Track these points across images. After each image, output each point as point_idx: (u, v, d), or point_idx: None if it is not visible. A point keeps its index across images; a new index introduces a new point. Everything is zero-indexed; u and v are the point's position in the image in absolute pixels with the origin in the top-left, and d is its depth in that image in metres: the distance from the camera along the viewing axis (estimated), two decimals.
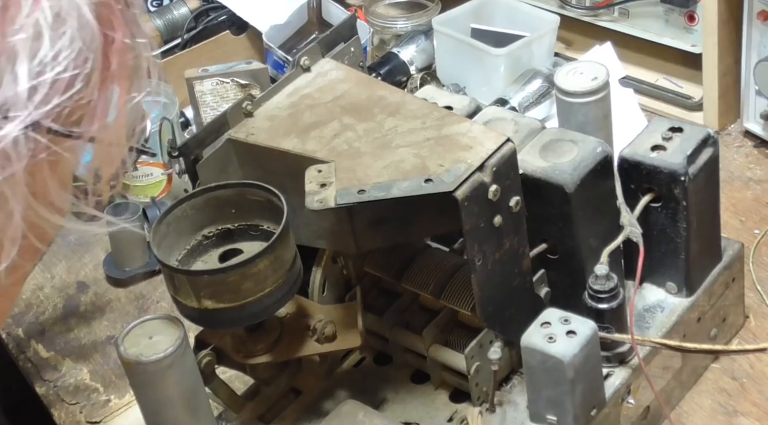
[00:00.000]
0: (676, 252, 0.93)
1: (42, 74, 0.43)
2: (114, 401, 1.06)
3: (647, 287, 0.96)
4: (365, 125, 0.83)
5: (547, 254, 0.89)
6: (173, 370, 0.80)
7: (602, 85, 0.93)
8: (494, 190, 0.78)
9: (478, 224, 0.78)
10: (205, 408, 0.86)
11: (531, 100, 1.28)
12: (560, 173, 0.84)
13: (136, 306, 1.17)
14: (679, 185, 0.89)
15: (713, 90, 1.24)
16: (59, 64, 0.43)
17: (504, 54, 1.30)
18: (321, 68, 0.92)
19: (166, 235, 0.82)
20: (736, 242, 0.99)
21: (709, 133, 0.91)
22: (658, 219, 0.91)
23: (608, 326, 0.86)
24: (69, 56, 0.44)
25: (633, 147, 0.91)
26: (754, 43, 1.18)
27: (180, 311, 0.82)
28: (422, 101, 0.86)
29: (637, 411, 0.90)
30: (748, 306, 1.03)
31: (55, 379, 1.09)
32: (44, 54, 0.43)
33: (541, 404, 0.83)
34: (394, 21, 1.48)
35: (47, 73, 0.43)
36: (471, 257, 0.80)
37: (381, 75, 1.36)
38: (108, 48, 0.46)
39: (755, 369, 0.97)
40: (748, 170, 1.21)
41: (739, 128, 1.26)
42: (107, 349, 1.11)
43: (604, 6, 1.35)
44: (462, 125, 0.82)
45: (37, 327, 1.15)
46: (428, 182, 0.77)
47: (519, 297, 0.86)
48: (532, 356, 0.81)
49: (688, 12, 1.27)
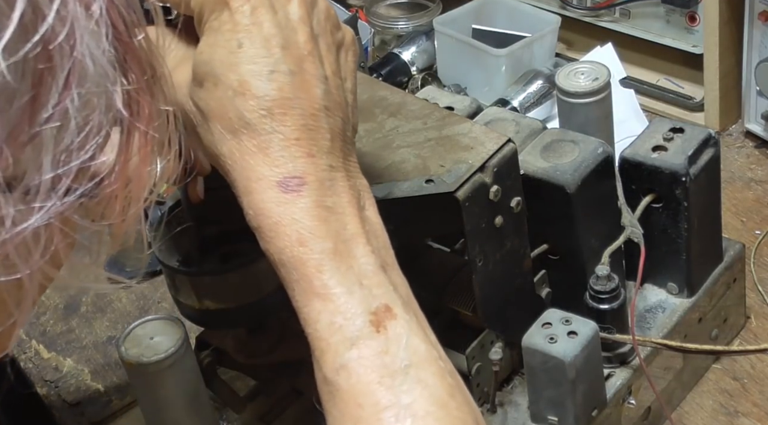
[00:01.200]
0: (677, 253, 0.93)
1: (67, 163, 0.42)
2: (115, 401, 1.05)
3: (648, 287, 0.96)
4: (366, 125, 0.83)
5: (548, 255, 0.89)
6: (174, 371, 0.80)
7: (603, 86, 0.93)
8: (495, 190, 0.78)
9: (479, 224, 0.79)
10: (206, 409, 0.86)
11: (532, 101, 1.28)
12: (561, 173, 0.84)
13: (138, 307, 1.17)
14: (680, 186, 0.89)
15: (714, 91, 1.24)
16: (86, 151, 0.42)
17: (505, 54, 1.30)
18: None
19: (167, 235, 0.81)
20: (737, 243, 0.99)
21: (710, 133, 0.91)
22: (659, 220, 0.91)
23: (609, 326, 0.86)
24: (96, 142, 0.43)
25: (634, 148, 0.91)
26: (755, 43, 1.18)
27: (181, 312, 0.82)
28: (423, 102, 0.86)
29: (638, 412, 0.90)
30: (749, 307, 1.03)
31: (56, 380, 1.09)
32: (70, 141, 0.41)
33: (542, 404, 0.83)
34: (395, 21, 1.48)
35: (73, 162, 0.42)
36: (472, 258, 0.80)
37: (382, 75, 1.36)
38: (133, 129, 0.45)
39: (756, 370, 0.97)
40: (749, 171, 1.21)
41: (740, 129, 1.26)
42: (108, 350, 1.11)
43: (605, 6, 1.35)
44: (463, 125, 0.82)
45: (38, 328, 1.15)
46: (429, 183, 0.77)
47: (520, 298, 0.86)
48: (533, 356, 0.81)
49: (690, 12, 1.27)
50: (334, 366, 0.58)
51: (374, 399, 0.57)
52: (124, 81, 0.44)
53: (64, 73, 0.41)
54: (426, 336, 0.60)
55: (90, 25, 0.42)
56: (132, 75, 0.45)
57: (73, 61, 0.41)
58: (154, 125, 0.46)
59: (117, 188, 0.45)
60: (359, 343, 0.58)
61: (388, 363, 0.58)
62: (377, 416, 0.57)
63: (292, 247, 0.59)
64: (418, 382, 0.58)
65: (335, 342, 0.58)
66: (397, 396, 0.57)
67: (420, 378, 0.58)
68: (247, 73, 0.60)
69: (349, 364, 0.58)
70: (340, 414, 0.58)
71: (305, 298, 0.59)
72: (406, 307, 0.61)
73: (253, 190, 0.60)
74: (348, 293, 0.58)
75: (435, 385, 0.58)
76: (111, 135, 0.44)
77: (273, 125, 0.59)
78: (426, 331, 0.61)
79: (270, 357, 0.87)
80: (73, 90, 0.41)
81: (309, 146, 0.60)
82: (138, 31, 0.45)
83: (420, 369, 0.58)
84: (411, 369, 0.58)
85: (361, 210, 0.62)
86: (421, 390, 0.58)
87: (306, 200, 0.59)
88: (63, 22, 0.40)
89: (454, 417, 0.58)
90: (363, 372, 0.58)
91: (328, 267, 0.59)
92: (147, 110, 0.46)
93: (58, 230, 0.43)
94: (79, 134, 0.42)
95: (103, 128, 0.43)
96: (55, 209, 0.41)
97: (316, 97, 0.61)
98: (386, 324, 0.59)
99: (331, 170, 0.61)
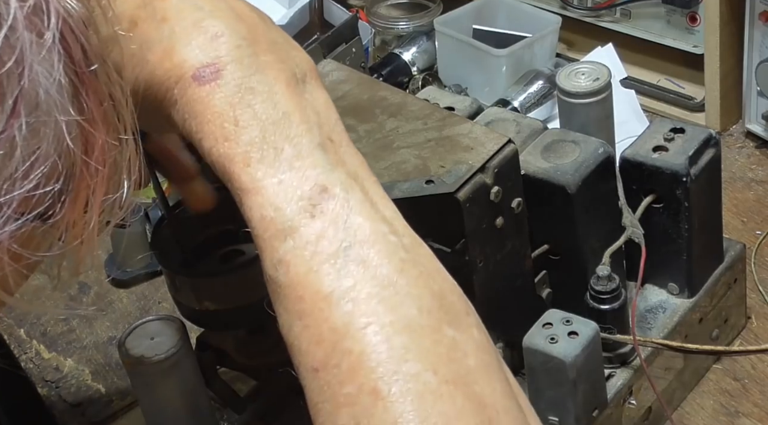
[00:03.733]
0: (677, 253, 0.93)
1: (10, 192, 0.40)
2: (116, 402, 1.05)
3: (649, 288, 0.96)
4: (366, 126, 0.83)
5: (548, 255, 0.88)
6: (175, 371, 0.80)
7: (604, 86, 0.93)
8: (496, 191, 0.78)
9: (479, 225, 0.78)
10: (207, 409, 0.86)
11: (533, 101, 1.28)
12: (562, 173, 0.84)
13: (138, 307, 1.17)
14: (681, 186, 0.89)
15: (715, 91, 1.24)
16: (30, 180, 0.41)
17: (506, 55, 1.30)
18: (322, 69, 0.92)
19: (167, 236, 0.82)
20: (738, 243, 0.99)
21: (711, 134, 0.91)
22: (659, 220, 0.91)
23: (610, 327, 0.86)
24: (41, 171, 0.41)
25: (635, 148, 0.91)
26: (756, 44, 1.17)
27: (181, 313, 0.82)
28: (424, 102, 0.86)
29: (638, 412, 0.90)
30: (750, 307, 1.03)
31: (56, 380, 1.09)
32: (14, 169, 0.40)
33: (542, 405, 0.83)
34: (396, 22, 1.48)
35: (16, 191, 0.40)
36: (472, 259, 0.80)
37: (382, 76, 1.36)
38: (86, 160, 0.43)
39: (757, 370, 0.97)
40: (750, 171, 1.21)
41: (740, 129, 1.26)
42: (109, 350, 1.11)
43: (606, 7, 1.35)
44: (463, 125, 0.82)
45: (38, 328, 1.15)
46: (429, 184, 0.77)
47: (521, 298, 0.86)
48: (534, 357, 0.81)
49: (690, 13, 1.27)
50: (272, 262, 0.54)
51: (313, 288, 0.52)
52: (76, 112, 0.42)
53: (12, 100, 0.39)
54: (374, 212, 0.54)
55: (41, 53, 0.40)
56: (86, 105, 0.43)
57: (21, 88, 0.40)
58: (110, 155, 0.44)
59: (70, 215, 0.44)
60: (292, 233, 0.53)
61: (325, 248, 0.53)
62: (317, 305, 0.52)
63: (218, 145, 0.54)
64: (360, 263, 0.53)
65: (269, 237, 0.53)
66: (338, 282, 0.52)
67: (362, 258, 0.53)
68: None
69: (285, 257, 0.53)
70: (285, 310, 0.54)
71: (239, 197, 0.54)
72: (349, 183, 0.55)
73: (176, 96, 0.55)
74: (277, 182, 0.53)
75: (380, 264, 0.53)
76: (59, 165, 0.42)
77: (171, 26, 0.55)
78: (377, 206, 0.55)
79: (270, 357, 0.87)
80: (22, 118, 0.40)
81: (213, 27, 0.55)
82: (96, 58, 0.43)
83: (362, 248, 0.53)
84: (351, 250, 0.53)
85: (297, 84, 0.56)
86: (363, 271, 0.52)
87: (225, 88, 0.54)
88: (12, 49, 0.39)
89: (405, 294, 0.53)
90: (299, 263, 0.53)
91: (255, 158, 0.53)
92: (100, 141, 0.44)
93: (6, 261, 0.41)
94: (24, 163, 0.40)
95: (50, 158, 0.41)
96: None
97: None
98: (322, 207, 0.53)
99: (249, 46, 0.55)
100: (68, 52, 0.42)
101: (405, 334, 0.52)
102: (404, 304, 0.53)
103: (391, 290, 0.53)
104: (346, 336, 0.52)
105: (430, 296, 0.54)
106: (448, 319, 0.54)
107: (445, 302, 0.55)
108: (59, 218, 0.44)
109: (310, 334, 0.53)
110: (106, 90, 0.45)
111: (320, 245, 0.53)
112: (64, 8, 0.42)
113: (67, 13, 0.42)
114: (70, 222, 0.44)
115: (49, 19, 0.41)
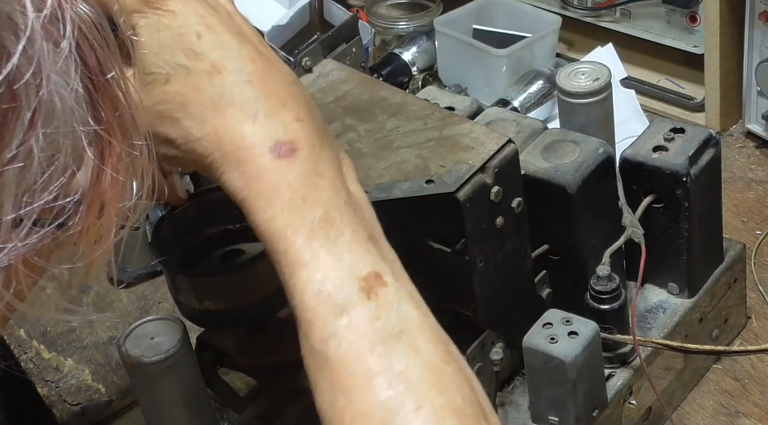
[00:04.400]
0: (677, 253, 0.93)
1: (29, 204, 0.40)
2: (116, 402, 1.05)
3: (649, 288, 0.96)
4: (367, 125, 0.83)
5: (548, 255, 0.88)
6: (175, 371, 0.80)
7: (604, 86, 0.93)
8: (496, 191, 0.78)
9: (479, 225, 0.78)
10: (207, 409, 0.86)
11: (533, 101, 1.28)
12: (562, 173, 0.84)
13: (138, 307, 1.17)
14: (681, 186, 0.89)
15: (715, 91, 1.24)
16: (50, 192, 0.41)
17: (506, 55, 1.30)
18: (323, 69, 0.92)
19: (167, 236, 0.82)
20: (738, 243, 0.99)
21: (711, 134, 0.91)
22: (659, 220, 0.91)
23: (610, 327, 0.86)
24: (60, 183, 0.41)
25: (635, 148, 0.91)
26: (756, 44, 1.17)
27: (181, 312, 0.82)
28: (424, 102, 0.86)
29: (638, 412, 0.90)
30: (750, 307, 1.03)
31: (56, 380, 1.09)
32: (33, 181, 0.40)
33: (543, 405, 0.83)
34: (396, 22, 1.48)
35: (35, 203, 0.40)
36: (472, 259, 0.80)
37: (383, 76, 1.36)
38: (103, 168, 0.44)
39: (757, 370, 0.97)
40: (750, 171, 1.21)
41: (740, 129, 1.26)
42: (109, 350, 1.11)
43: (606, 7, 1.35)
44: (464, 125, 0.82)
45: (38, 328, 1.15)
46: (430, 183, 0.77)
47: (521, 298, 0.86)
48: (534, 357, 0.81)
49: (690, 13, 1.27)
50: (322, 336, 0.55)
51: (365, 366, 0.54)
52: (93, 121, 0.42)
53: (30, 113, 0.39)
54: (418, 304, 0.58)
55: (58, 62, 0.40)
56: (103, 113, 0.43)
57: (39, 100, 0.39)
58: (125, 162, 0.45)
59: (85, 223, 0.44)
60: (349, 310, 0.55)
61: (379, 329, 0.55)
62: (369, 383, 0.54)
63: (284, 215, 0.57)
64: (411, 348, 0.55)
65: (324, 311, 0.55)
66: (390, 363, 0.55)
67: (413, 344, 0.56)
68: (218, 57, 0.58)
69: (338, 332, 0.55)
70: (329, 384, 0.55)
71: (292, 268, 0.56)
72: (397, 275, 0.58)
73: (244, 159, 0.57)
74: (337, 261, 0.56)
75: (429, 351, 0.56)
76: (77, 175, 0.42)
77: (257, 94, 0.58)
78: (417, 300, 0.59)
79: (270, 357, 0.87)
80: (39, 130, 0.39)
81: (296, 110, 0.59)
82: (111, 65, 0.43)
83: (413, 336, 0.56)
84: (404, 335, 0.56)
85: (345, 179, 0.61)
86: (414, 356, 0.55)
87: (299, 166, 0.57)
88: (29, 61, 0.39)
89: (450, 383, 0.56)
90: (354, 339, 0.55)
91: (318, 236, 0.56)
92: (117, 149, 0.44)
93: (21, 270, 0.41)
94: (42, 175, 0.40)
95: (68, 168, 0.41)
96: (15, 251, 0.40)
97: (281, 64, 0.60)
98: (377, 291, 0.56)
99: (319, 136, 0.59)
100: (84, 59, 0.42)
101: (455, 418, 0.55)
102: (450, 391, 0.56)
103: (439, 377, 0.56)
104: (397, 416, 0.54)
105: (469, 388, 0.57)
106: (483, 413, 0.57)
107: (480, 397, 0.58)
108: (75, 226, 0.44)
109: (355, 410, 0.54)
110: (120, 96, 0.44)
111: (375, 325, 0.55)
112: (78, 15, 0.42)
113: (81, 19, 0.42)
114: (84, 229, 0.44)
115: (65, 27, 0.41)
